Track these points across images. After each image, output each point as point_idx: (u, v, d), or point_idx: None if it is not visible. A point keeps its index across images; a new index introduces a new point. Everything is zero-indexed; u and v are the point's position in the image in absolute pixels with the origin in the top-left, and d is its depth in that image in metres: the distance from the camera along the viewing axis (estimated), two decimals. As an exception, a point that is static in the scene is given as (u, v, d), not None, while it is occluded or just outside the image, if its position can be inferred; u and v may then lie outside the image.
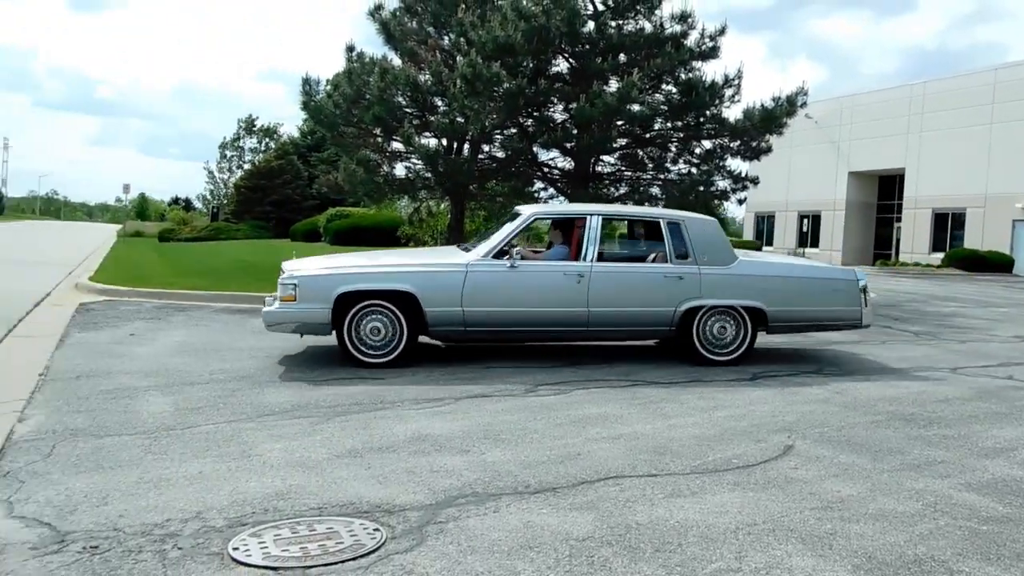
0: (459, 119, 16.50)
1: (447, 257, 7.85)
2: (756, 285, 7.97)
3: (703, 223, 8.14)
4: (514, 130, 16.99)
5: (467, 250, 7.95)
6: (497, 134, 17.55)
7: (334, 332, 7.50)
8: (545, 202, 19.67)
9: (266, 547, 3.50)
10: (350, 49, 18.47)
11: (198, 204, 79.75)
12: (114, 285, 13.65)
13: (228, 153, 74.79)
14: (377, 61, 17.60)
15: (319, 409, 5.95)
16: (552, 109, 16.80)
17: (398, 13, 19.17)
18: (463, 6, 16.88)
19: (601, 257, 7.86)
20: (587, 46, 16.27)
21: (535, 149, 17.36)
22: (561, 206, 9.90)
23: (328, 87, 19.39)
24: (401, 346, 7.49)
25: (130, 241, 39.60)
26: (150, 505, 3.96)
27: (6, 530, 3.66)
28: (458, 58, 16.38)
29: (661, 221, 8.08)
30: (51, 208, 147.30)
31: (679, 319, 7.86)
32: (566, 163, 18.27)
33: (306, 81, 18.96)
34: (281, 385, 6.72)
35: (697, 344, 7.93)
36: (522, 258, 7.75)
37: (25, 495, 4.07)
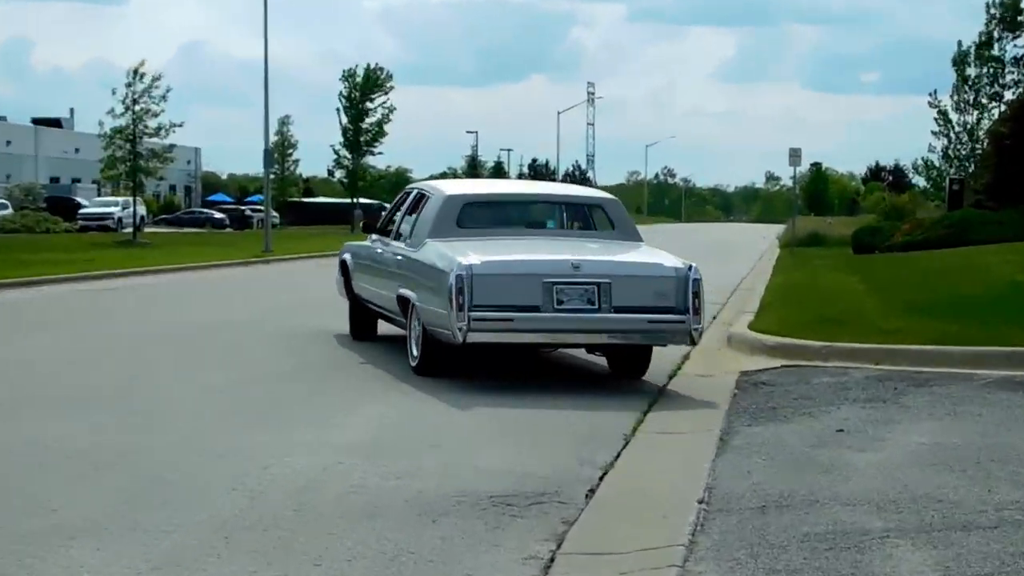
0: None
1: None
2: (406, 267, 13.97)
3: (433, 198, 14.49)
4: None
5: None
6: None
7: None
8: None
9: None
10: None
11: (918, 180, 77.67)
12: (793, 337, 14.85)
13: (972, 71, 68.20)
14: None
15: None
16: None
17: None
18: None
19: None
20: None
21: None
22: None
23: None
24: None
25: (801, 252, 42.17)
26: None
27: None
28: None
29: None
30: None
31: None
32: None
33: None
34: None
35: None
36: None
37: None
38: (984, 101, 64.30)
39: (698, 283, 12.17)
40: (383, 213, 16.40)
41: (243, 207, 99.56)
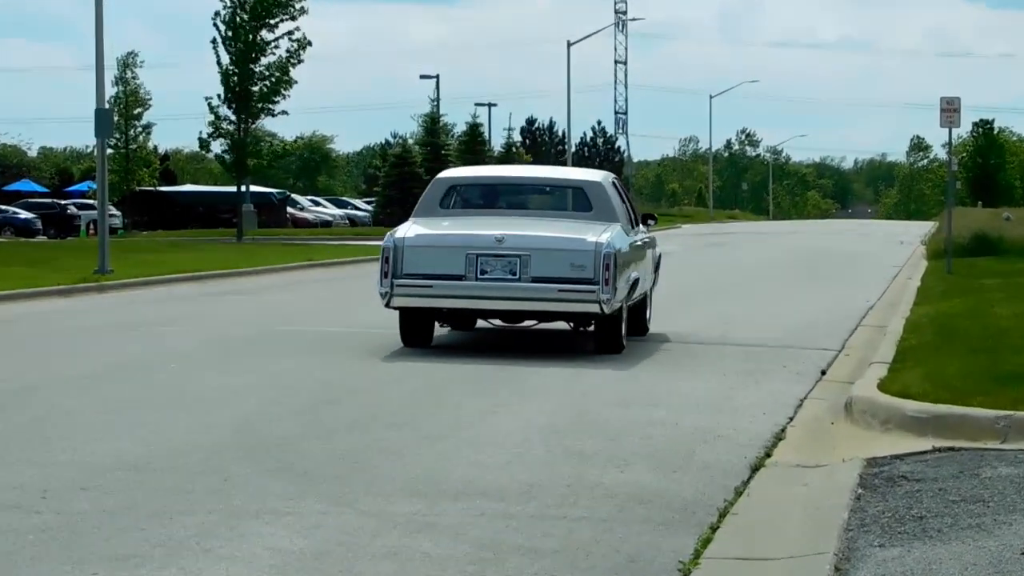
0: None
1: None
2: None
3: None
4: None
5: None
6: None
7: None
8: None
9: None
10: None
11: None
12: (951, 404, 13.77)
13: None
14: None
15: None
16: None
17: None
18: None
19: None
20: None
21: None
22: None
23: None
24: None
25: (961, 266, 40.97)
26: None
27: None
28: None
29: None
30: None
31: None
32: None
33: None
34: None
35: None
36: None
37: None
38: None
39: (611, 256, 17.92)
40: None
41: (64, 201, 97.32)
